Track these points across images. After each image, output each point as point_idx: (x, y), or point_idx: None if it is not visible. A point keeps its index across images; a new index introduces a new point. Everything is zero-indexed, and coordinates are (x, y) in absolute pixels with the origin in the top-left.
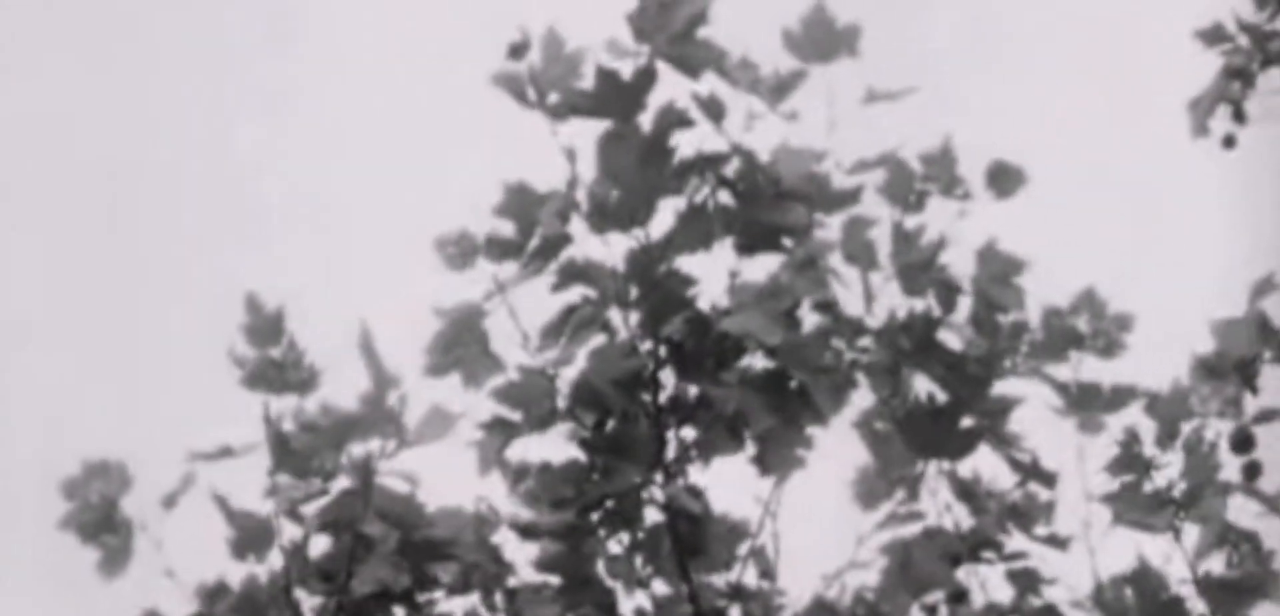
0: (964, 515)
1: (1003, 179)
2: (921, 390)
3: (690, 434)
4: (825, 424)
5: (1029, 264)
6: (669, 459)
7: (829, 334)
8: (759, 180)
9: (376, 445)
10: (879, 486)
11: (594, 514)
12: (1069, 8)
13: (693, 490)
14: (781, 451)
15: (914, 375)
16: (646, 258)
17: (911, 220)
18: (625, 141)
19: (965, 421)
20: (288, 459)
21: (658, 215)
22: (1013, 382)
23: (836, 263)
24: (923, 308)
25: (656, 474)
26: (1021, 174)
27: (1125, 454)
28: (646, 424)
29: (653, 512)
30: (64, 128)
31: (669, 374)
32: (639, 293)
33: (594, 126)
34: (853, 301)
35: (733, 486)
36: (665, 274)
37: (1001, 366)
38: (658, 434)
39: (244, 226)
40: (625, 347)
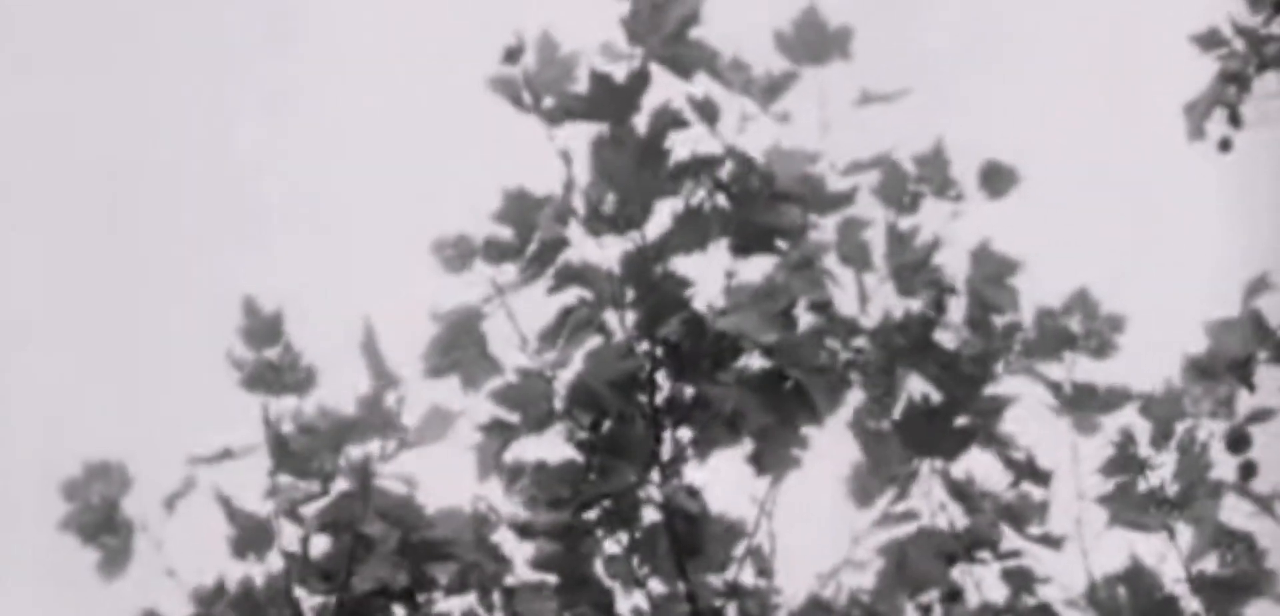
0: (958, 515)
1: (995, 179)
2: (915, 390)
3: (686, 434)
4: (821, 422)
5: (1023, 265)
6: (665, 458)
7: (823, 333)
8: (753, 182)
9: (376, 446)
10: (872, 485)
11: (591, 513)
12: (1064, 10)
13: (690, 490)
14: (777, 450)
15: (908, 375)
16: (643, 259)
17: (906, 221)
18: (620, 144)
19: (959, 420)
20: (287, 460)
21: (653, 217)
22: (1007, 382)
23: (831, 263)
24: (917, 308)
25: (653, 473)
26: (1014, 174)
27: (1120, 455)
28: (643, 424)
29: (650, 512)
30: (64, 128)
31: (665, 374)
32: (635, 294)
33: (589, 129)
34: (847, 302)
35: (729, 486)
36: (661, 276)
37: (995, 365)
38: (654, 434)
39: (244, 226)
40: (622, 349)
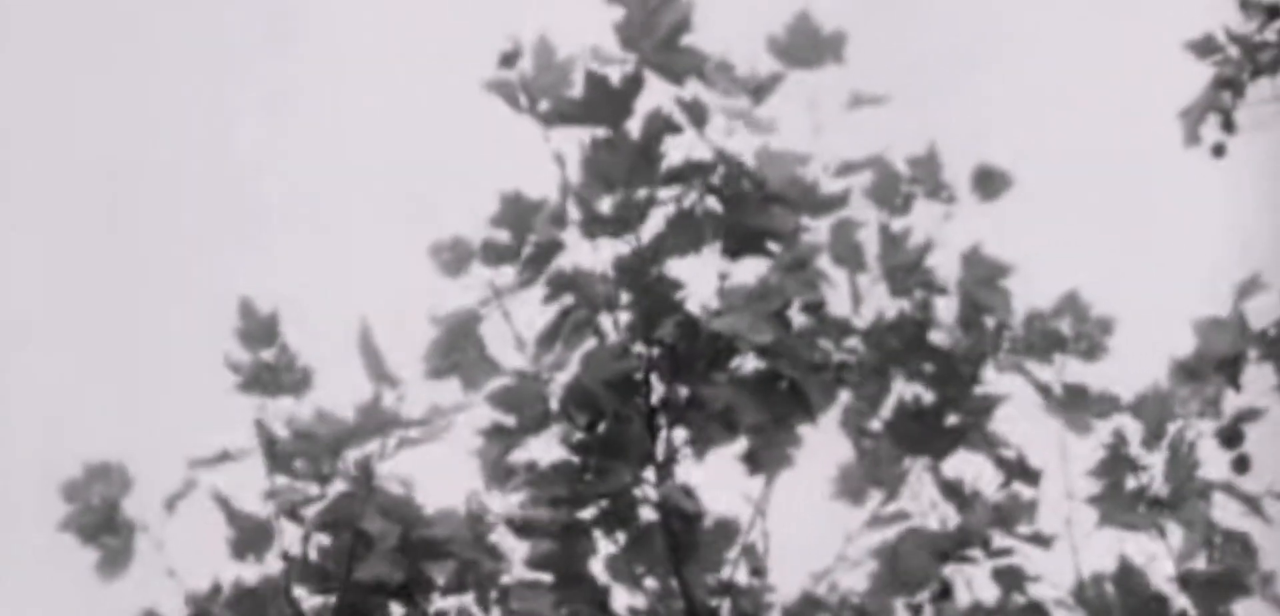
0: (949, 514)
1: (988, 183)
2: (904, 390)
3: (682, 434)
4: (815, 421)
5: (1014, 268)
6: (661, 458)
7: (816, 334)
8: (745, 185)
9: (376, 445)
10: (864, 484)
11: (588, 513)
12: (1058, 13)
13: (685, 489)
14: (772, 449)
15: (899, 374)
16: (637, 262)
17: (898, 223)
18: (615, 147)
19: (950, 419)
20: (281, 464)
21: (647, 221)
22: (997, 381)
23: (824, 264)
24: (910, 309)
25: (648, 473)
26: (1006, 178)
27: (1111, 456)
28: (639, 424)
29: (646, 511)
30: (64, 128)
31: (660, 375)
32: (631, 297)
33: (582, 133)
34: (840, 303)
35: (723, 485)
36: (655, 278)
37: (985, 364)
38: (650, 434)
39: (244, 226)
40: (617, 350)
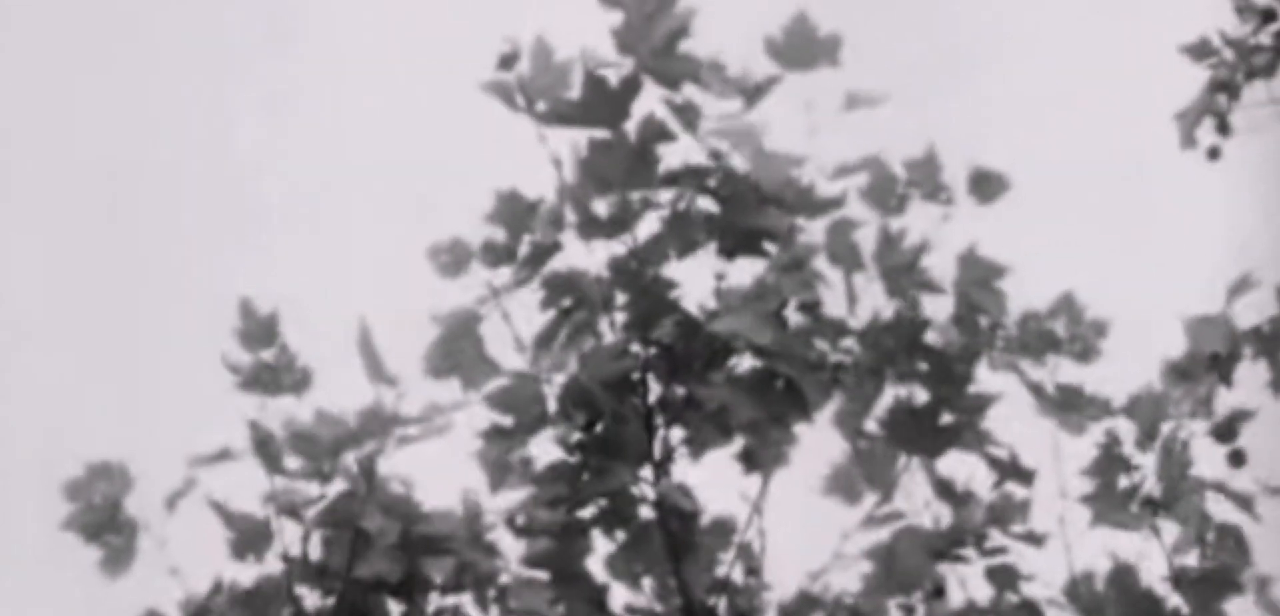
0: (942, 513)
1: (985, 186)
2: (899, 389)
3: (679, 433)
4: (811, 420)
5: (1010, 269)
6: (658, 457)
7: (811, 333)
8: (741, 186)
9: (376, 444)
10: (856, 481)
11: (587, 512)
12: (1055, 15)
13: (683, 488)
14: (768, 448)
15: (894, 374)
16: (633, 263)
17: (894, 223)
18: (612, 149)
19: (945, 418)
20: (276, 463)
21: (643, 222)
22: (991, 381)
23: (820, 264)
24: (907, 309)
25: (646, 472)
26: (1003, 181)
27: (1104, 456)
28: (637, 424)
29: (644, 510)
30: (64, 127)
31: (657, 375)
32: (628, 298)
33: (575, 134)
34: (835, 303)
35: (718, 484)
36: (651, 279)
37: (978, 362)
38: (647, 433)
39: (244, 226)
40: (615, 350)
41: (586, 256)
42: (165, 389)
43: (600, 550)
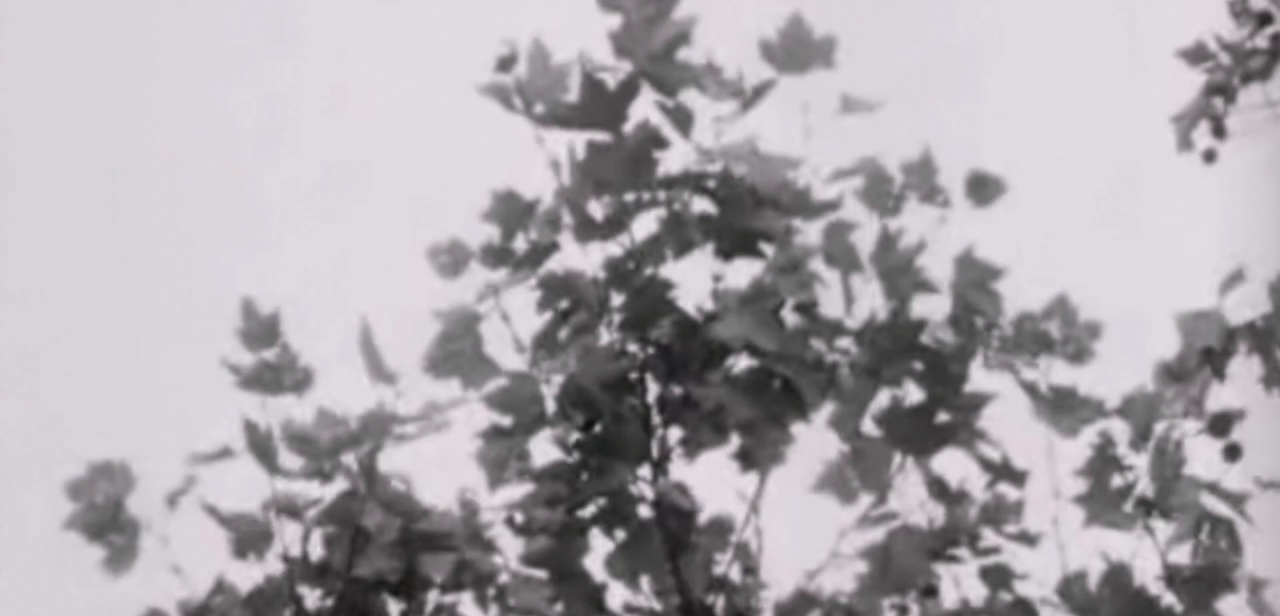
0: (936, 513)
1: (981, 189)
2: (895, 389)
3: (676, 432)
4: (808, 419)
5: (1006, 271)
6: (656, 457)
7: (807, 334)
8: (738, 188)
9: (376, 444)
10: (850, 480)
11: (586, 511)
12: (1055, 17)
13: (680, 487)
14: (765, 447)
15: (890, 374)
16: (630, 263)
17: (892, 224)
18: (609, 152)
19: (940, 417)
20: (272, 462)
21: (638, 222)
22: (986, 381)
23: (817, 265)
24: (904, 309)
25: (645, 471)
26: (1000, 184)
27: (1099, 457)
28: (636, 424)
29: (642, 509)
30: (65, 127)
31: (655, 375)
32: (626, 299)
33: (568, 137)
34: (830, 303)
35: (715, 483)
36: (648, 279)
37: (972, 361)
38: (645, 433)
39: (244, 226)
40: (612, 351)
41: (583, 257)
42: (165, 388)
43: (598, 549)
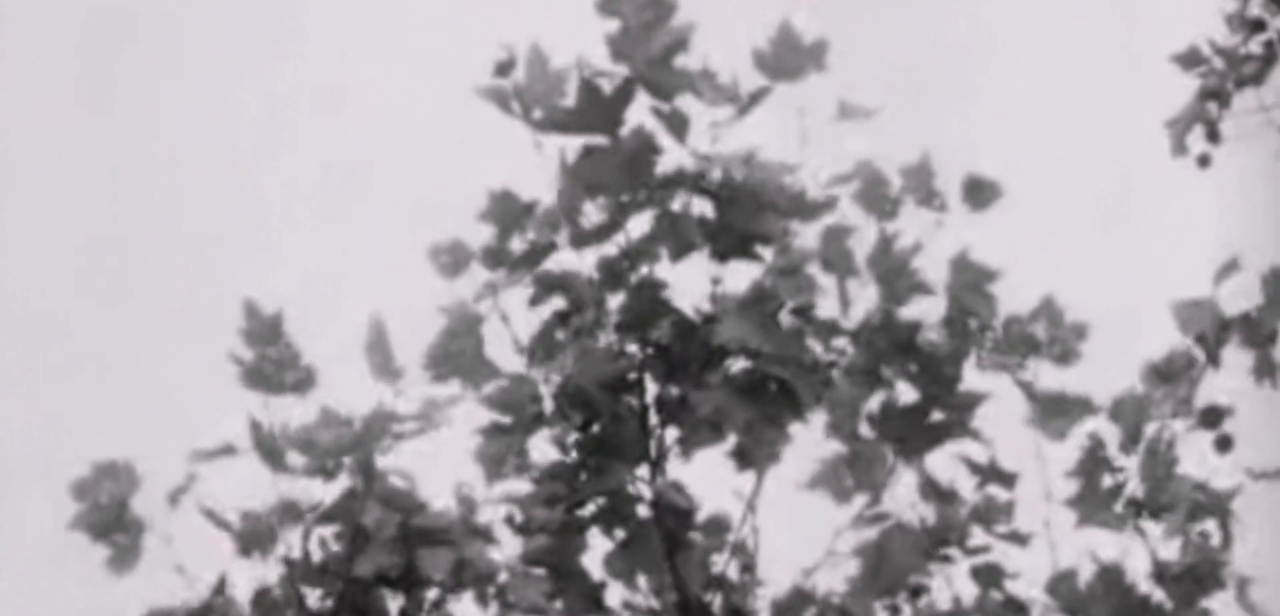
0: (928, 513)
1: (978, 193)
2: (888, 390)
3: (674, 432)
4: (805, 419)
5: (1001, 274)
6: (654, 456)
7: (803, 335)
8: (736, 190)
9: (378, 444)
10: (845, 479)
11: (585, 510)
12: (1052, 20)
13: (678, 486)
14: (761, 447)
15: (886, 374)
16: (626, 264)
17: (887, 227)
18: (607, 155)
19: (934, 416)
20: (278, 461)
21: (633, 223)
22: (979, 382)
23: (813, 269)
24: (900, 311)
25: (643, 471)
26: (996, 188)
27: (1089, 459)
28: (634, 424)
29: (640, 508)
30: (64, 127)
31: (653, 376)
32: (624, 301)
33: (576, 140)
34: (826, 306)
35: (710, 482)
36: (642, 279)
37: (966, 361)
38: (643, 433)
39: (244, 226)
40: (610, 351)
41: (578, 258)
42: (165, 388)
43: (597, 548)
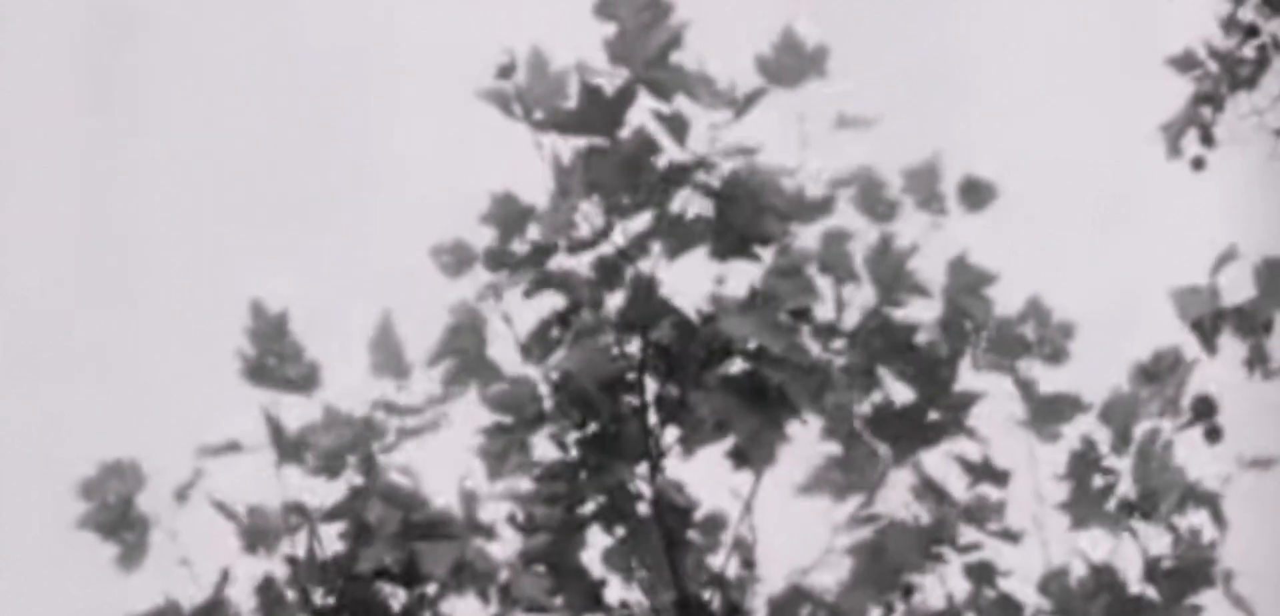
0: (921, 511)
1: (974, 194)
2: (883, 391)
3: (674, 431)
4: (803, 420)
5: (997, 276)
6: (654, 455)
7: (799, 336)
8: (737, 190)
9: (383, 443)
10: (839, 480)
11: (586, 508)
12: (1051, 21)
13: (677, 484)
14: (759, 446)
15: (882, 375)
16: (624, 263)
17: (885, 230)
18: (606, 156)
19: (930, 416)
20: (292, 453)
21: (634, 222)
22: (973, 381)
23: (811, 271)
24: (897, 312)
25: (643, 468)
26: (993, 189)
27: (1080, 460)
28: (634, 422)
29: (640, 506)
30: (66, 126)
31: (653, 375)
32: (624, 300)
33: (576, 141)
34: (823, 306)
35: (709, 480)
36: (642, 278)
37: (961, 361)
38: (643, 432)
39: (245, 226)
40: (610, 351)
41: (576, 257)
42: (166, 388)
43: (596, 545)
